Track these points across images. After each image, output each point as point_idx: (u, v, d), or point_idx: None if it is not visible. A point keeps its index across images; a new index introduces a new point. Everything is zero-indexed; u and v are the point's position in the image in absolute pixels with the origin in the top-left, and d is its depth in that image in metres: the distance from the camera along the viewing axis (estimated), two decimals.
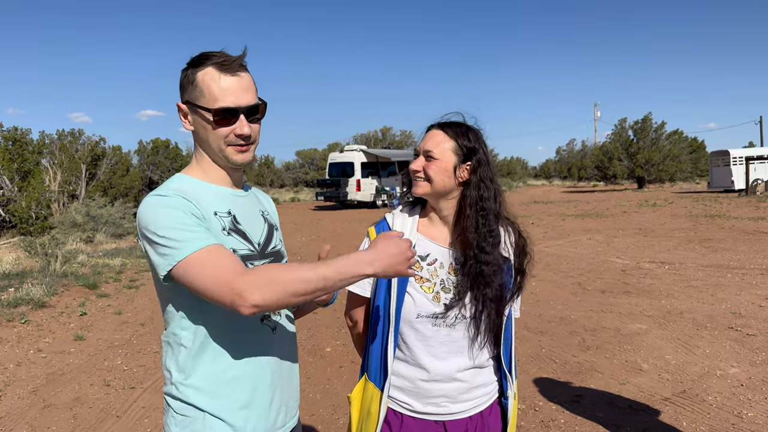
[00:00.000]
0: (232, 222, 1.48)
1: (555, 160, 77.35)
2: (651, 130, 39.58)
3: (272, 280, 1.25)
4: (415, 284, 1.73)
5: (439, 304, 1.71)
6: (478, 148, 1.74)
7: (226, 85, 1.42)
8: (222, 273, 1.26)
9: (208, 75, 1.42)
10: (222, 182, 1.54)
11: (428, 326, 1.71)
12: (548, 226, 16.31)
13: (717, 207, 20.13)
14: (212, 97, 1.41)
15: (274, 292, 1.24)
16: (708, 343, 5.35)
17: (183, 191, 1.40)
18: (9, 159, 18.14)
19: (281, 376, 1.56)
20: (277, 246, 1.62)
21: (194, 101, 1.45)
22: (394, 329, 1.72)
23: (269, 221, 1.65)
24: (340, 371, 5.01)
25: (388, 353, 1.73)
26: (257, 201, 1.67)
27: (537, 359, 5.11)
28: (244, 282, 1.24)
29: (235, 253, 1.43)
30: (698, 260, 9.73)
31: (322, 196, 28.02)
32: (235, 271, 1.26)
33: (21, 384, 4.88)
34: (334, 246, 13.50)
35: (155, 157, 34.80)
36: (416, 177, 1.74)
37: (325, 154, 47.80)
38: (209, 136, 1.46)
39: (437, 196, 1.75)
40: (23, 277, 8.96)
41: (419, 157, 1.74)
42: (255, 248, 1.52)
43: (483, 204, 1.73)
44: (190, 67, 1.46)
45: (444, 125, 1.75)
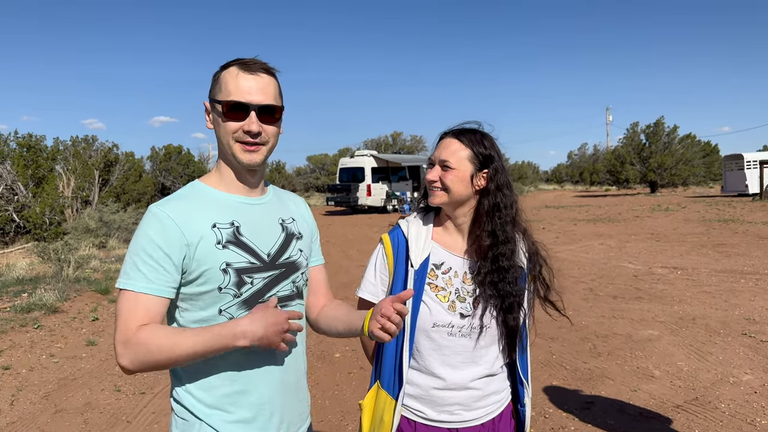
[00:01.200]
0: (234, 233, 1.47)
1: (567, 164, 76.97)
2: (663, 134, 39.31)
3: (143, 349, 1.35)
4: (430, 293, 1.72)
5: (454, 314, 1.71)
6: (494, 155, 1.74)
7: (242, 82, 1.46)
8: (118, 321, 1.38)
9: (229, 73, 1.48)
10: (236, 189, 1.54)
11: (444, 335, 1.71)
12: (560, 230, 16.23)
13: (731, 211, 19.94)
14: (227, 92, 1.46)
15: (141, 362, 1.36)
16: (721, 349, 5.29)
17: (178, 212, 1.42)
18: (24, 165, 18.34)
19: (284, 391, 1.55)
20: (292, 257, 1.58)
21: (214, 96, 1.50)
22: (409, 338, 1.71)
23: (289, 230, 1.61)
24: (350, 377, 5.01)
25: (404, 362, 1.72)
26: (278, 208, 1.63)
27: (548, 365, 5.08)
28: (120, 342, 1.36)
29: (230, 266, 1.43)
30: (711, 265, 9.63)
31: (333, 201, 28.09)
32: (124, 328, 1.36)
33: (33, 389, 4.92)
34: (344, 250, 13.50)
35: (168, 163, 35.00)
36: (433, 187, 1.72)
37: (335, 159, 47.85)
38: (220, 131, 1.49)
39: (454, 205, 1.74)
40: (36, 282, 9.04)
41: (435, 166, 1.73)
42: (261, 260, 1.50)
43: (499, 212, 1.73)
44: (221, 69, 1.52)
45: (458, 133, 1.74)
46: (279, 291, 1.54)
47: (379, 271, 1.81)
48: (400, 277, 1.75)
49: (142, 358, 1.35)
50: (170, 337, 1.36)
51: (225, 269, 1.43)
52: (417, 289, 1.71)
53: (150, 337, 1.35)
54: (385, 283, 1.80)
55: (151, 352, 1.35)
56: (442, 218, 1.82)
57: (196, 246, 1.40)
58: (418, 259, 1.73)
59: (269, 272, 1.52)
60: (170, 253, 1.38)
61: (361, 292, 1.84)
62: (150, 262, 1.38)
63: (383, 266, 1.80)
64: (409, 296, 1.40)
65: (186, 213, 1.43)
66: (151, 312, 1.39)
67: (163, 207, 1.42)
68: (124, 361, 1.36)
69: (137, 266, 1.38)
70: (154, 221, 1.40)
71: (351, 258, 12.31)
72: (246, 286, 1.46)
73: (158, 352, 1.35)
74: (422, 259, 1.73)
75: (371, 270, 1.83)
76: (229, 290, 1.44)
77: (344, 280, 9.55)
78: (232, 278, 1.44)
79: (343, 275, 10.14)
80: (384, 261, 1.80)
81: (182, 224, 1.40)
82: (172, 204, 1.44)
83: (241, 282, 1.45)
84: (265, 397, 1.50)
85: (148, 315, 1.38)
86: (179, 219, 1.41)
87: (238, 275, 1.44)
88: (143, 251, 1.38)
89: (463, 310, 1.71)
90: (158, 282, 1.38)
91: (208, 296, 1.43)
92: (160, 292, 1.39)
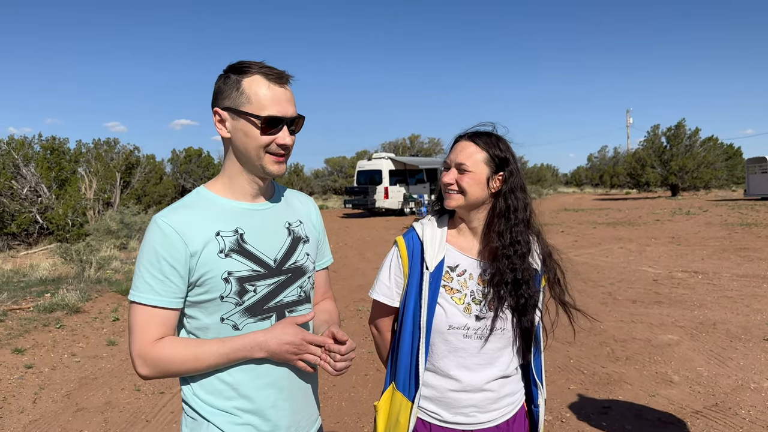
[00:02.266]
0: (237, 241, 1.48)
1: (586, 167, 76.34)
2: (685, 137, 38.77)
3: (164, 363, 1.41)
4: (446, 295, 1.73)
5: (470, 316, 1.71)
6: (509, 158, 1.74)
7: (274, 95, 1.46)
8: (132, 335, 1.43)
9: (256, 83, 1.46)
10: (241, 195, 1.55)
11: (459, 337, 1.71)
12: (579, 234, 16.10)
13: (753, 215, 19.62)
14: (260, 105, 1.45)
15: (162, 372, 1.43)
16: (742, 355, 5.22)
17: (182, 222, 1.44)
18: (47, 168, 18.64)
19: (291, 395, 1.56)
20: (299, 261, 1.59)
21: (238, 107, 1.46)
22: (425, 340, 1.72)
23: (296, 234, 1.61)
24: (365, 379, 5.02)
25: (420, 364, 1.73)
26: (285, 211, 1.63)
27: (565, 370, 5.05)
28: (136, 353, 1.41)
29: (231, 275, 1.45)
30: (733, 270, 9.49)
31: (350, 203, 28.11)
32: (141, 342, 1.41)
33: (55, 387, 5.01)
34: (361, 253, 13.51)
35: (188, 165, 35.36)
36: (449, 190, 1.73)
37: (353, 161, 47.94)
38: (249, 143, 1.47)
39: (470, 207, 1.75)
40: (59, 282, 9.19)
41: (451, 169, 1.73)
42: (266, 266, 1.51)
43: (514, 214, 1.73)
44: (232, 73, 1.48)
45: (473, 136, 1.74)
46: (286, 297, 1.55)
47: (394, 273, 1.82)
48: (415, 279, 1.76)
49: (163, 370, 1.42)
50: (191, 350, 1.42)
51: (227, 278, 1.44)
52: (432, 292, 1.72)
53: (169, 351, 1.41)
54: (400, 286, 1.81)
55: (172, 365, 1.41)
56: (457, 221, 1.82)
57: (199, 256, 1.42)
58: (433, 261, 1.74)
59: (275, 278, 1.52)
60: (176, 265, 1.41)
61: (375, 294, 1.85)
62: (157, 275, 1.41)
63: (398, 269, 1.81)
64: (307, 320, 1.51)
65: (189, 223, 1.44)
66: (165, 324, 1.43)
67: (166, 218, 1.44)
68: (144, 371, 1.42)
69: (145, 279, 1.41)
70: (159, 233, 1.42)
71: (368, 260, 12.33)
72: (248, 294, 1.47)
73: (179, 364, 1.41)
74: (437, 261, 1.74)
75: (386, 272, 1.84)
76: (230, 299, 1.45)
77: (361, 283, 9.57)
78: (234, 287, 1.45)
79: (359, 278, 10.16)
80: (399, 263, 1.81)
81: (185, 235, 1.42)
82: (176, 214, 1.45)
83: (243, 291, 1.46)
84: (270, 401, 1.52)
85: (162, 327, 1.43)
86: (182, 230, 1.42)
87: (239, 284, 1.46)
88: (150, 264, 1.41)
89: (479, 312, 1.72)
90: (166, 294, 1.41)
91: (210, 304, 1.45)
92: (170, 303, 1.43)
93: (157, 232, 1.42)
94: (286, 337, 1.44)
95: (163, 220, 1.43)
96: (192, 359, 1.41)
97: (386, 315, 1.88)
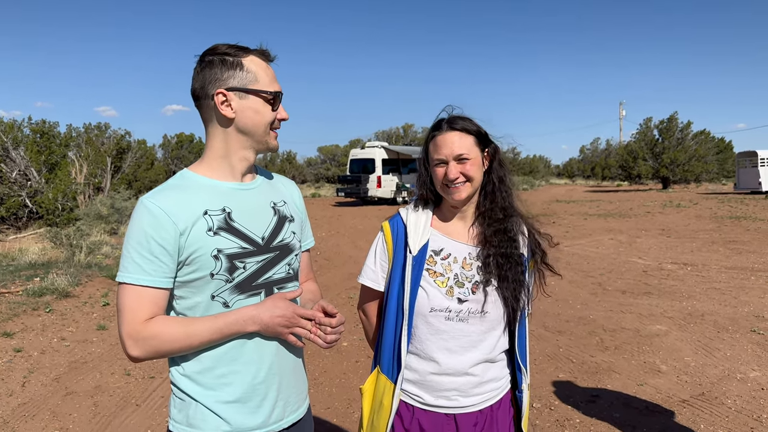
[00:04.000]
0: (225, 219, 1.49)
1: (579, 159, 76.50)
2: (677, 130, 38.93)
3: (156, 342, 1.40)
4: (429, 278, 1.74)
5: (452, 299, 1.72)
6: (487, 133, 1.77)
7: (271, 73, 1.55)
8: (122, 316, 1.41)
9: (256, 62, 1.52)
10: (225, 176, 1.56)
11: (441, 320, 1.72)
12: (570, 225, 16.17)
13: (743, 208, 19.77)
14: (266, 82, 1.52)
15: (154, 352, 1.41)
16: (729, 345, 5.27)
17: (169, 202, 1.44)
18: (37, 151, 18.48)
19: (280, 371, 1.57)
20: (286, 239, 1.61)
21: (247, 86, 1.50)
22: (407, 323, 1.73)
23: (281, 213, 1.63)
24: (356, 365, 5.04)
25: (402, 346, 1.74)
26: (269, 191, 1.65)
27: (554, 359, 5.08)
28: (126, 334, 1.40)
29: (221, 252, 1.45)
30: (722, 262, 9.58)
31: (343, 192, 28.08)
32: (131, 322, 1.40)
33: (44, 371, 4.99)
34: (353, 241, 13.52)
35: (179, 151, 35.21)
36: (456, 184, 1.71)
37: (346, 150, 47.84)
38: (259, 119, 1.52)
39: (474, 193, 1.77)
40: (49, 267, 9.14)
41: (449, 164, 1.71)
42: (254, 244, 1.52)
43: (504, 185, 1.78)
44: (227, 56, 1.48)
45: (452, 124, 1.74)
46: (274, 274, 1.56)
47: (379, 257, 1.84)
48: (399, 263, 1.77)
49: (155, 349, 1.41)
50: (183, 328, 1.42)
51: (216, 255, 1.45)
52: (415, 275, 1.73)
53: (162, 329, 1.40)
54: (385, 270, 1.82)
55: (164, 344, 1.41)
56: (443, 206, 1.83)
57: (188, 234, 1.43)
58: (417, 245, 1.75)
59: (263, 256, 1.54)
60: (165, 245, 1.41)
61: (362, 279, 1.87)
62: (146, 255, 1.41)
63: (383, 253, 1.83)
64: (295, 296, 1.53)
65: (177, 203, 1.45)
66: (155, 304, 1.43)
67: (153, 199, 1.44)
68: (134, 352, 1.41)
69: (134, 260, 1.41)
70: (147, 214, 1.42)
71: (360, 249, 12.34)
72: (238, 271, 1.48)
73: (171, 342, 1.41)
74: (420, 245, 1.75)
75: (371, 257, 1.86)
76: (221, 276, 1.46)
77: (352, 271, 9.57)
78: (224, 264, 1.46)
79: (351, 266, 10.16)
80: (384, 248, 1.83)
81: (174, 214, 1.42)
82: (162, 194, 1.46)
83: (233, 267, 1.47)
84: (259, 377, 1.52)
85: (153, 307, 1.42)
86: (170, 209, 1.43)
87: (229, 261, 1.46)
88: (139, 244, 1.41)
89: (461, 295, 1.72)
90: (156, 274, 1.41)
91: (200, 282, 1.46)
92: (161, 283, 1.42)
93: (144, 212, 1.42)
94: (278, 310, 1.46)
95: (150, 201, 1.43)
96: (184, 336, 1.41)
97: (373, 299, 1.90)
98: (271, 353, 1.54)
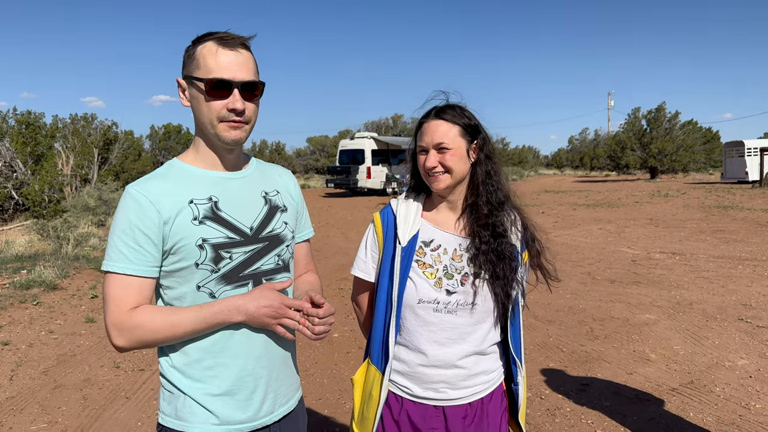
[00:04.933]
0: (211, 209, 1.47)
1: (567, 149, 76.64)
2: (664, 120, 39.11)
3: (140, 331, 1.38)
4: (417, 270, 1.72)
5: (440, 290, 1.71)
6: (478, 124, 1.74)
7: (222, 59, 1.42)
8: (107, 305, 1.39)
9: (206, 48, 1.44)
10: (213, 166, 1.53)
11: (429, 312, 1.71)
12: (559, 215, 16.23)
13: (730, 198, 19.94)
14: (207, 69, 1.42)
15: (139, 342, 1.39)
16: (717, 334, 5.32)
17: (155, 191, 1.42)
18: (22, 143, 18.25)
19: (269, 363, 1.55)
20: (276, 229, 1.58)
21: (191, 74, 1.46)
22: (395, 314, 1.72)
23: (273, 202, 1.60)
24: (347, 356, 5.04)
25: (390, 337, 1.73)
26: (261, 180, 1.62)
27: (544, 348, 5.10)
28: (111, 323, 1.37)
29: (206, 242, 1.43)
30: (710, 251, 9.65)
31: (333, 183, 28.00)
32: (116, 311, 1.38)
33: (32, 364, 4.95)
34: (344, 232, 13.49)
35: (167, 142, 34.94)
36: (434, 173, 1.69)
37: (335, 141, 47.63)
38: (202, 109, 1.45)
39: (457, 185, 1.74)
40: (36, 259, 9.05)
41: (429, 152, 1.69)
42: (241, 234, 1.50)
43: (493, 179, 1.74)
44: (193, 43, 1.47)
45: (440, 113, 1.71)
46: (263, 265, 1.54)
47: (370, 249, 1.83)
48: (388, 254, 1.76)
49: (140, 339, 1.39)
50: (167, 317, 1.39)
51: (201, 245, 1.43)
52: (404, 266, 1.72)
53: (146, 319, 1.38)
54: (376, 261, 1.81)
55: (148, 333, 1.38)
56: (434, 197, 1.81)
57: (172, 223, 1.41)
58: (406, 236, 1.74)
59: (251, 246, 1.51)
60: (149, 234, 1.39)
61: (354, 270, 1.86)
62: (131, 244, 1.39)
63: (374, 244, 1.82)
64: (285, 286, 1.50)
65: (163, 191, 1.43)
66: (140, 293, 1.41)
67: (139, 187, 1.42)
68: (119, 341, 1.38)
69: (119, 249, 1.39)
70: (132, 202, 1.40)
71: (351, 240, 12.32)
72: (224, 261, 1.46)
73: (156, 332, 1.38)
74: (410, 236, 1.74)
75: (363, 248, 1.85)
76: (206, 266, 1.44)
77: (343, 262, 9.56)
78: (209, 254, 1.44)
79: (342, 257, 10.15)
80: (374, 239, 1.82)
81: (159, 203, 1.40)
82: (149, 183, 1.44)
83: (219, 257, 1.45)
84: (247, 369, 1.50)
85: (137, 296, 1.40)
86: (156, 198, 1.41)
87: (215, 251, 1.44)
88: (123, 233, 1.39)
89: (450, 287, 1.71)
90: (141, 263, 1.40)
91: (185, 272, 1.44)
92: (145, 272, 1.41)
93: (130, 201, 1.40)
94: (265, 300, 1.44)
95: (135, 189, 1.42)
96: (169, 326, 1.39)
97: (365, 290, 1.89)
98: (260, 345, 1.52)
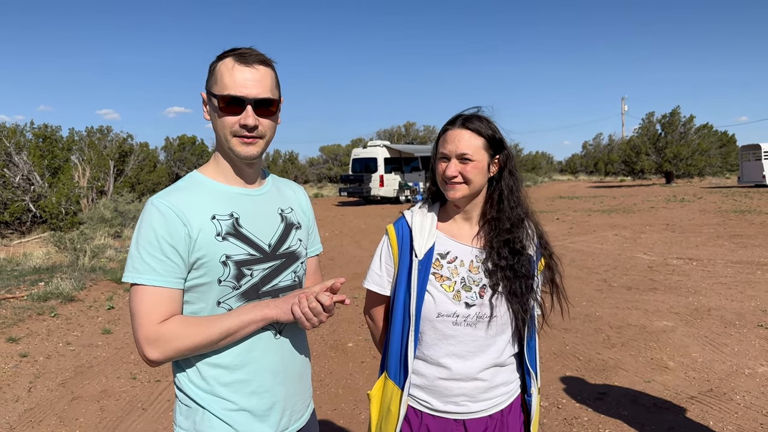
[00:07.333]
0: (233, 225, 1.47)
1: (581, 154, 76.19)
2: (679, 124, 38.78)
3: (177, 343, 1.37)
4: (435, 283, 1.71)
5: (459, 303, 1.69)
6: (503, 140, 1.73)
7: (237, 75, 1.44)
8: (136, 320, 1.38)
9: (224, 65, 1.46)
10: (233, 180, 1.54)
11: (449, 325, 1.69)
12: (573, 221, 16.13)
13: (747, 202, 19.69)
14: (222, 85, 1.44)
15: (175, 354, 1.38)
16: (736, 341, 5.24)
17: (178, 203, 1.42)
18: (39, 156, 18.48)
19: (286, 379, 1.56)
20: (292, 246, 1.59)
21: (210, 89, 1.48)
22: (414, 328, 1.70)
23: (288, 220, 1.62)
24: (362, 366, 5.03)
25: (409, 352, 1.71)
26: (277, 198, 1.64)
27: (561, 356, 5.06)
28: (143, 337, 1.36)
29: (229, 259, 1.44)
30: (727, 256, 9.53)
31: (346, 191, 28.06)
32: (147, 324, 1.37)
33: (50, 376, 4.99)
34: (357, 241, 13.50)
35: (182, 153, 35.23)
36: (453, 182, 1.68)
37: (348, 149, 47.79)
38: (217, 124, 1.48)
39: (472, 196, 1.73)
40: (53, 271, 9.14)
41: (451, 161, 1.68)
42: (261, 251, 1.51)
43: (514, 195, 1.73)
44: (216, 59, 1.50)
45: (466, 122, 1.70)
46: (280, 281, 1.55)
47: (385, 262, 1.81)
48: (404, 267, 1.74)
49: (177, 348, 1.38)
50: (201, 321, 1.40)
51: (225, 261, 1.43)
52: (421, 280, 1.70)
53: (180, 327, 1.38)
54: (391, 274, 1.79)
55: (186, 338, 1.37)
56: (448, 207, 1.80)
57: (196, 237, 1.41)
58: (422, 249, 1.72)
59: (270, 263, 1.52)
60: (177, 246, 1.39)
61: (367, 284, 1.84)
62: (158, 256, 1.38)
63: (388, 257, 1.80)
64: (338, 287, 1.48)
65: (186, 204, 1.43)
66: (170, 305, 1.40)
67: (163, 199, 1.42)
68: (153, 354, 1.37)
69: (145, 260, 1.38)
70: (157, 214, 1.40)
71: (364, 248, 12.32)
72: (245, 279, 1.46)
73: (192, 336, 1.38)
74: (426, 249, 1.72)
75: (377, 261, 1.83)
76: (228, 282, 1.44)
77: (357, 271, 9.56)
78: (232, 271, 1.44)
79: (355, 265, 10.15)
80: (389, 252, 1.80)
81: (183, 216, 1.41)
82: (171, 196, 1.44)
83: (241, 275, 1.45)
84: (266, 386, 1.51)
85: (168, 308, 1.39)
86: (180, 211, 1.41)
87: (237, 268, 1.45)
88: (150, 245, 1.38)
89: (469, 300, 1.69)
90: (169, 274, 1.39)
91: (206, 287, 1.43)
92: (173, 284, 1.40)
93: (155, 212, 1.40)
94: (292, 298, 1.47)
95: (160, 201, 1.42)
96: (204, 328, 1.39)
97: (379, 304, 1.87)
98: (277, 362, 1.53)
